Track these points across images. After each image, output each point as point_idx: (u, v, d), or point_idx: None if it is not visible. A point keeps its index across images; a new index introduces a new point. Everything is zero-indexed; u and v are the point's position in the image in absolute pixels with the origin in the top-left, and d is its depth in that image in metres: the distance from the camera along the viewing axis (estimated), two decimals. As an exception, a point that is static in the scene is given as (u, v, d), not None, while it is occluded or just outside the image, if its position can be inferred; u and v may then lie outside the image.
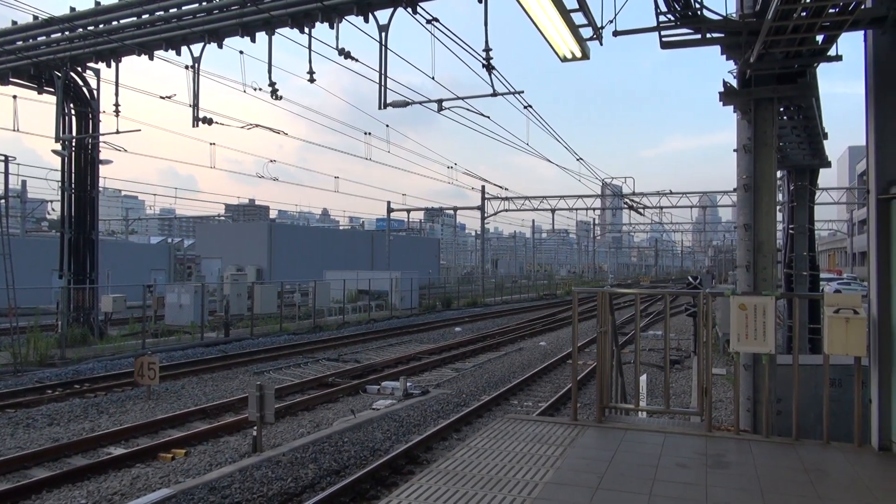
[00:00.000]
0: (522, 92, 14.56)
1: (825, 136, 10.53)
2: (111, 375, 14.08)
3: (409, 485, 4.50)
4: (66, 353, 16.39)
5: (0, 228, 16.27)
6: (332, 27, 14.51)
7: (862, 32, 5.47)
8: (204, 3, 15.94)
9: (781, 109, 8.27)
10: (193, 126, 16.93)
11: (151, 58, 17.26)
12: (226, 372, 15.17)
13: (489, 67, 12.46)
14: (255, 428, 8.45)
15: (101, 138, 19.90)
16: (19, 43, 18.64)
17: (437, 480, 4.56)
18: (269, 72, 15.67)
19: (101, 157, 20.27)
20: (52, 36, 18.30)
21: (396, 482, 7.71)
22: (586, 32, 6.27)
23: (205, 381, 13.96)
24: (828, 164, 12.00)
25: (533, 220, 73.58)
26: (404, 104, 15.96)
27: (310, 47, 14.81)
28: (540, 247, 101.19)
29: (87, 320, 19.46)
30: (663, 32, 6.37)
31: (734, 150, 6.82)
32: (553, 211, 50.49)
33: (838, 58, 6.13)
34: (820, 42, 6.00)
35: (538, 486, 4.45)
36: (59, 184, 19.98)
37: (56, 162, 20.07)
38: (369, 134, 24.91)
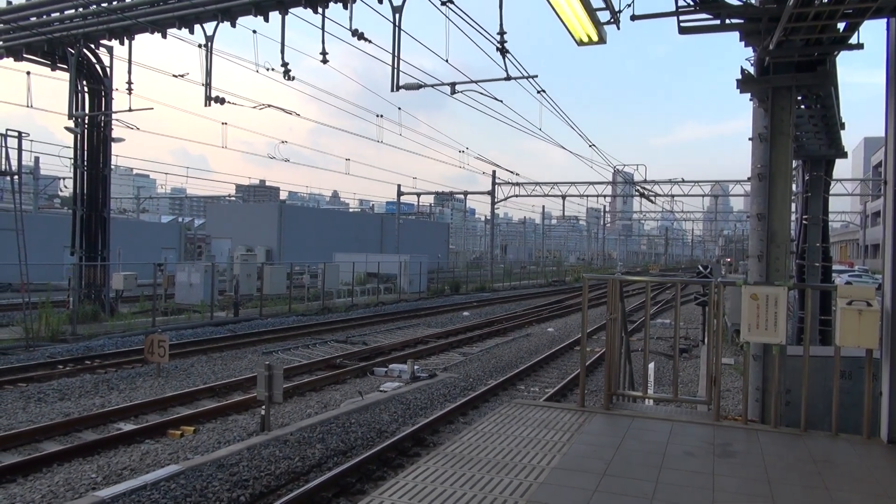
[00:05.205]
0: (536, 76, 14.45)
1: (842, 126, 10.40)
2: (121, 352, 14.22)
3: (415, 467, 4.52)
4: (77, 329, 16.57)
5: (14, 204, 16.38)
6: (345, 7, 14.42)
7: (885, 20, 5.36)
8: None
9: (799, 98, 8.15)
10: (206, 105, 16.94)
11: (164, 36, 17.23)
12: (235, 351, 15.28)
13: (503, 51, 12.35)
14: (264, 407, 8.52)
15: (114, 116, 19.94)
16: (33, 19, 18.64)
17: (444, 463, 4.58)
18: (282, 52, 15.62)
19: (114, 134, 20.35)
20: (66, 12, 18.29)
21: (403, 464, 7.77)
22: (603, 16, 6.18)
23: (214, 360, 14.07)
24: (844, 155, 11.86)
25: (543, 207, 73.39)
26: (417, 87, 15.87)
27: (323, 28, 14.74)
28: (549, 233, 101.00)
29: (98, 297, 19.65)
30: (682, 17, 6.28)
31: (749, 139, 6.73)
32: (564, 197, 50.24)
33: (860, 46, 6.01)
34: (841, 30, 5.89)
35: (545, 471, 4.46)
36: (72, 161, 20.08)
37: (69, 139, 20.18)
38: (381, 116, 24.83)
